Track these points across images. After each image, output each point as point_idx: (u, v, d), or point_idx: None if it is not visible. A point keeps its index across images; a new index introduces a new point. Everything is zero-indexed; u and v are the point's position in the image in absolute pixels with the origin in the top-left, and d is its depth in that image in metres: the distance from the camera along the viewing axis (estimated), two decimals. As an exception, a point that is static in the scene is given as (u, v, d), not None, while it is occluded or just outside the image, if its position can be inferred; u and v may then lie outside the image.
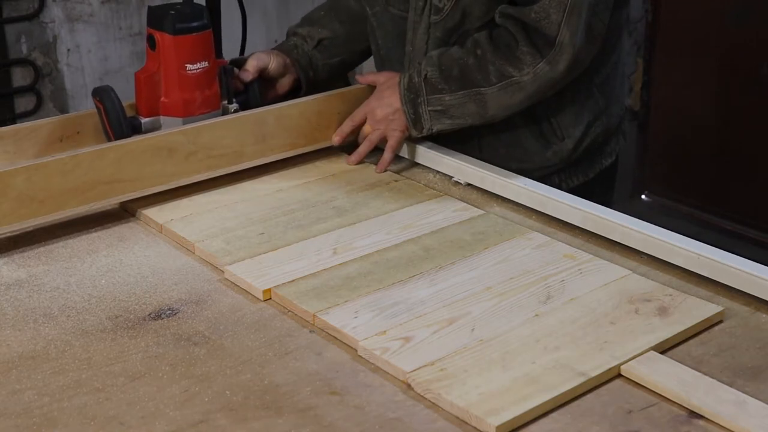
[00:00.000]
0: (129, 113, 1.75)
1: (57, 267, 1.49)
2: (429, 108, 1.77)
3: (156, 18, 1.74)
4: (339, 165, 1.85)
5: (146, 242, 1.57)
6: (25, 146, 1.73)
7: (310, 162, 1.85)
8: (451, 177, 1.80)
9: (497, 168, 1.76)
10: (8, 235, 1.55)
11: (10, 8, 3.23)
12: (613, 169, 1.98)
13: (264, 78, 1.92)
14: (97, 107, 1.74)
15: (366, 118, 1.85)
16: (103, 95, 1.73)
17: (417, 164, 1.86)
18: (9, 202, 1.51)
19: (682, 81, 3.39)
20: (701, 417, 1.15)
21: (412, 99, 1.78)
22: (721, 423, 1.14)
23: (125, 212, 1.66)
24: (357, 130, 1.87)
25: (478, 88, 1.73)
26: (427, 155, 1.84)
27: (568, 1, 1.66)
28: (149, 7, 1.76)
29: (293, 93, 1.97)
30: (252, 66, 1.88)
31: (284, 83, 1.96)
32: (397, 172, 1.83)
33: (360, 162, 1.85)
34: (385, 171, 1.82)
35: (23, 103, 3.35)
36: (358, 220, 1.62)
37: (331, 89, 1.92)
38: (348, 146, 1.89)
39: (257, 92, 1.88)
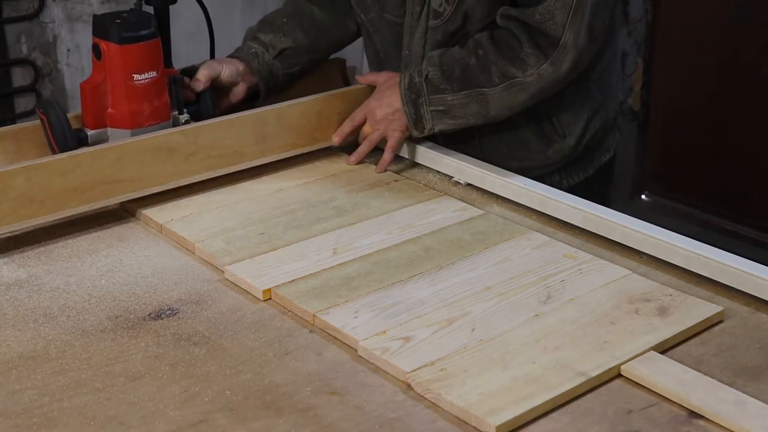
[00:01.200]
0: (75, 125, 1.71)
1: (57, 267, 1.49)
2: (431, 108, 1.77)
3: (101, 27, 1.68)
4: (339, 165, 1.85)
5: (146, 242, 1.57)
6: (26, 146, 1.73)
7: (310, 162, 1.85)
8: (451, 177, 1.80)
9: (497, 168, 1.76)
10: (8, 235, 1.55)
11: (10, 8, 3.23)
12: (611, 165, 2.00)
13: (216, 87, 1.87)
14: (41, 120, 1.69)
15: (366, 119, 1.85)
16: (47, 107, 1.68)
17: (417, 164, 1.86)
18: (9, 202, 1.51)
19: (682, 81, 3.39)
20: (701, 417, 1.15)
21: (413, 99, 1.78)
22: (721, 423, 1.14)
23: (125, 212, 1.66)
24: (357, 130, 1.87)
25: (481, 89, 1.74)
26: (427, 155, 1.84)
27: (573, 2, 1.66)
28: (94, 16, 1.71)
29: (249, 100, 1.93)
30: (204, 75, 1.83)
31: (238, 92, 1.90)
32: (397, 172, 1.83)
33: (360, 162, 1.85)
34: (385, 171, 1.82)
35: (23, 103, 3.35)
36: (358, 220, 1.62)
37: (290, 95, 1.90)
38: (348, 146, 1.89)
39: (209, 102, 1.83)
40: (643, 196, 3.57)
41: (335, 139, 1.86)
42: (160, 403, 1.17)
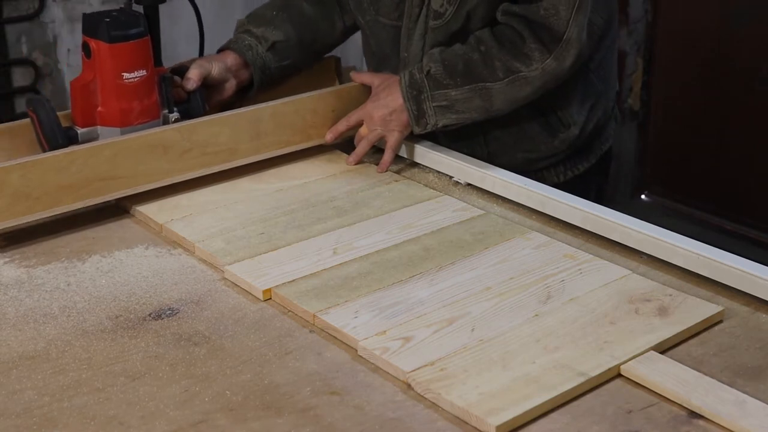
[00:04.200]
0: (65, 123, 1.71)
1: (57, 267, 1.49)
2: (434, 104, 1.77)
3: (91, 25, 1.69)
4: (339, 165, 1.85)
5: (146, 242, 1.57)
6: (22, 143, 1.73)
7: (309, 162, 1.85)
8: (451, 177, 1.80)
9: (497, 168, 1.76)
10: (7, 234, 1.55)
11: (10, 8, 3.23)
12: (609, 155, 2.03)
13: (207, 85, 1.86)
14: (31, 118, 1.69)
15: (362, 121, 1.85)
16: (36, 105, 1.68)
17: (417, 164, 1.86)
18: (4, 198, 1.52)
19: (682, 81, 3.39)
20: (701, 417, 1.15)
21: (415, 96, 1.78)
22: (721, 423, 1.14)
23: (126, 212, 1.66)
24: (351, 130, 1.87)
25: (485, 83, 1.74)
26: (427, 155, 1.84)
27: None
28: (84, 14, 1.71)
29: (240, 94, 1.94)
30: (195, 74, 1.83)
31: (228, 88, 1.90)
32: (397, 172, 1.83)
33: (359, 162, 1.85)
34: (386, 171, 1.82)
35: (23, 104, 3.35)
36: (358, 220, 1.62)
37: (284, 93, 1.90)
38: (348, 146, 1.89)
39: (200, 101, 1.82)
40: (643, 196, 3.57)
41: (328, 137, 1.86)
42: (160, 403, 1.17)
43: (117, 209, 1.67)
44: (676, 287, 1.42)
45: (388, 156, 1.82)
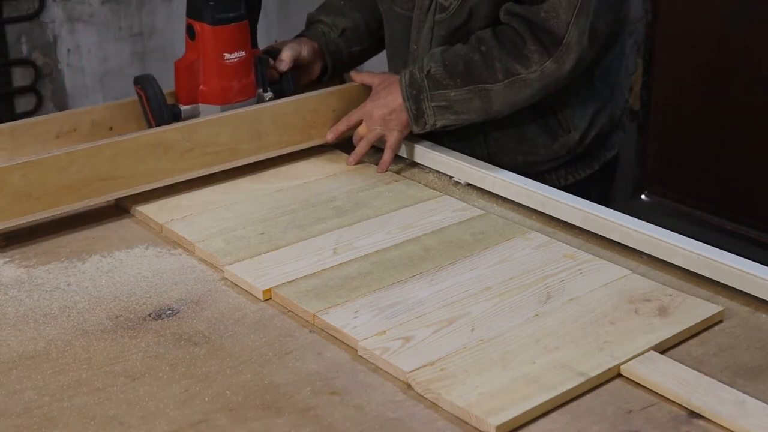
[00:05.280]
0: (169, 101, 1.80)
1: (57, 267, 1.49)
2: (433, 104, 1.77)
3: (195, 8, 1.79)
4: (339, 165, 1.85)
5: (146, 242, 1.57)
6: (22, 143, 1.73)
7: (310, 162, 1.85)
8: (451, 177, 1.80)
9: (497, 168, 1.76)
10: (7, 234, 1.55)
11: (10, 8, 3.23)
12: (614, 162, 2.01)
13: (296, 66, 1.95)
14: (139, 95, 1.78)
15: (362, 120, 1.86)
16: (144, 83, 1.77)
17: (417, 164, 1.86)
18: (5, 198, 1.52)
19: (682, 81, 3.39)
20: (701, 417, 1.15)
21: (414, 95, 1.78)
22: (721, 423, 1.14)
23: (125, 212, 1.66)
24: (352, 129, 1.88)
25: (484, 84, 1.74)
26: (427, 155, 1.84)
27: (578, 1, 1.67)
28: None
29: (316, 79, 2.03)
30: (287, 56, 1.92)
31: (315, 69, 2.00)
32: (397, 172, 1.83)
33: (359, 162, 1.85)
34: (386, 171, 1.82)
35: (23, 103, 3.35)
36: (358, 220, 1.62)
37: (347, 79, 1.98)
38: (348, 146, 1.89)
39: (291, 81, 1.92)
40: (643, 196, 3.57)
41: (329, 136, 1.87)
42: (160, 403, 1.17)
43: (117, 209, 1.67)
44: (676, 287, 1.42)
45: (387, 156, 1.82)
